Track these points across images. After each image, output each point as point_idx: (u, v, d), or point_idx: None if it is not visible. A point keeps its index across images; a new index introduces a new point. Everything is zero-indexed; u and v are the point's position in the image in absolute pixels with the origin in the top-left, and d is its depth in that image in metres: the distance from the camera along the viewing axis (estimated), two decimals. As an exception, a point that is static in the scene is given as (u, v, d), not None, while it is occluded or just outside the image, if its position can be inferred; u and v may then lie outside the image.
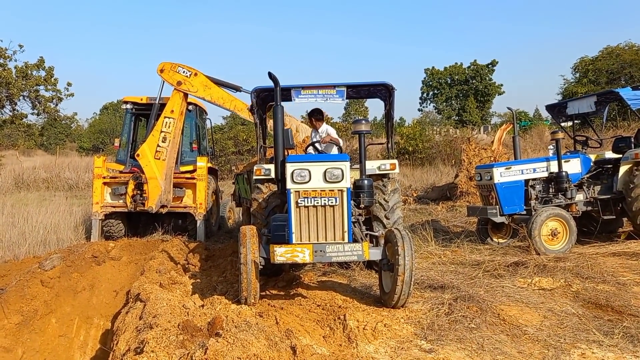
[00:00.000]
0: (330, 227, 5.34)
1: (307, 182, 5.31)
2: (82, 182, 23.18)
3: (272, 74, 5.77)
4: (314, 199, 5.30)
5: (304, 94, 6.80)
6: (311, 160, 5.45)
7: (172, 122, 9.80)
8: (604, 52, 30.11)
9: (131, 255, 9.18)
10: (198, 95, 9.64)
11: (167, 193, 10.24)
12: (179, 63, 9.65)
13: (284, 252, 5.10)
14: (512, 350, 4.43)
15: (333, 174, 5.32)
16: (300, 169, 5.32)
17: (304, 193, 5.30)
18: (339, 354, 4.26)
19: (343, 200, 5.32)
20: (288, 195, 5.32)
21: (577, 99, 10.53)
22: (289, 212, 5.30)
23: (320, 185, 5.31)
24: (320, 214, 5.33)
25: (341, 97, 6.87)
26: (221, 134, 33.00)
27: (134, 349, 4.37)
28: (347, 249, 5.20)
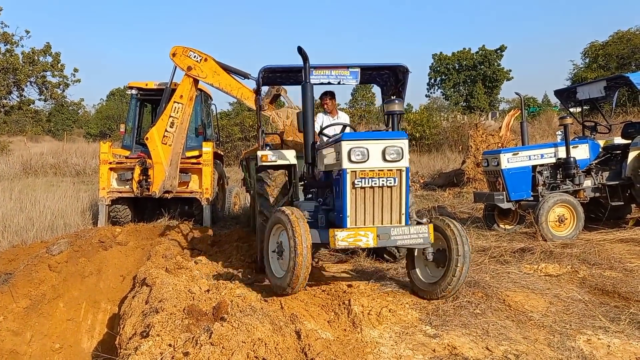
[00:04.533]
0: (387, 210, 5.02)
1: (365, 161, 4.92)
2: (89, 168, 23.25)
3: (302, 48, 5.39)
4: (372, 179, 4.95)
5: (316, 74, 6.36)
6: (369, 137, 5.05)
7: (180, 107, 9.79)
8: (614, 37, 29.76)
9: (138, 240, 9.22)
10: (207, 81, 9.60)
11: (172, 179, 10.24)
12: (191, 47, 9.61)
13: (345, 237, 4.78)
14: (517, 335, 4.42)
15: (392, 152, 4.95)
16: (358, 147, 4.91)
17: (361, 173, 4.92)
18: (344, 338, 4.27)
19: (402, 180, 5.01)
20: (343, 175, 4.93)
21: (586, 84, 10.41)
22: (344, 194, 4.92)
23: (378, 165, 4.94)
24: (378, 195, 4.99)
25: (355, 79, 6.55)
26: (227, 120, 32.98)
27: (140, 332, 4.40)
28: (412, 231, 4.93)
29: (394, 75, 7.17)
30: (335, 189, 5.22)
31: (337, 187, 5.13)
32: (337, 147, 5.14)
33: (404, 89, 7.01)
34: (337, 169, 5.11)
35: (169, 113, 9.92)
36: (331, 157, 5.34)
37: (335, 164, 5.18)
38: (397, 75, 7.10)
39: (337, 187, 5.16)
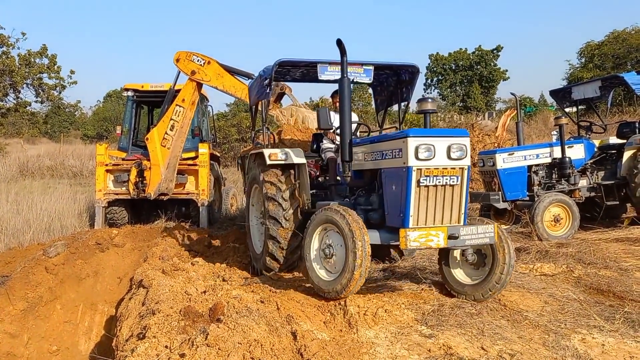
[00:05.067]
0: (448, 209, 4.87)
1: (432, 158, 4.73)
2: (86, 170, 23.21)
3: (342, 42, 5.22)
4: (436, 177, 4.76)
5: (330, 70, 6.21)
6: (435, 134, 4.85)
7: (181, 111, 9.78)
8: (610, 37, 29.82)
9: (134, 242, 9.23)
10: (211, 84, 9.58)
11: (168, 181, 10.24)
12: (194, 52, 9.60)
13: (418, 237, 4.61)
14: (512, 335, 4.44)
15: (457, 150, 4.80)
16: (426, 144, 4.72)
17: (427, 171, 4.73)
18: (340, 339, 4.28)
19: (464, 179, 4.88)
20: (409, 173, 4.71)
21: (581, 84, 10.47)
22: (408, 192, 4.71)
23: (443, 163, 4.77)
24: (440, 194, 4.83)
25: (368, 77, 6.38)
26: (224, 121, 32.97)
27: (137, 334, 4.42)
28: (480, 231, 4.80)
29: (395, 75, 7.11)
30: (388, 187, 5.05)
31: (392, 185, 4.97)
32: (396, 144, 4.92)
33: (412, 89, 6.98)
34: (395, 167, 4.91)
35: (170, 115, 9.92)
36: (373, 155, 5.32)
37: (390, 161, 5.01)
38: (400, 76, 7.02)
39: (390, 185, 4.99)
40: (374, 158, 5.33)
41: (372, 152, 5.35)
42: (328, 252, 4.95)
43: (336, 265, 4.88)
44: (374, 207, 5.42)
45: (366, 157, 5.49)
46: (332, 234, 4.97)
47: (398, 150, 4.87)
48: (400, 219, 4.85)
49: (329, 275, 4.99)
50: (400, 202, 4.84)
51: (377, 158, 5.27)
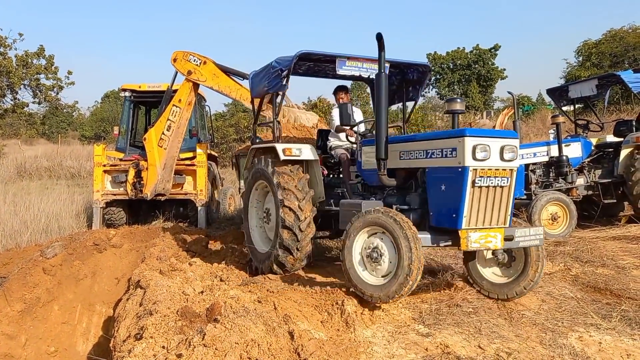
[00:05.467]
0: (497, 210, 4.86)
1: (487, 159, 4.68)
2: (84, 171, 23.18)
3: (382, 36, 5.09)
4: (489, 178, 4.72)
5: (348, 65, 6.10)
6: (490, 135, 4.81)
7: (178, 111, 9.76)
8: (607, 35, 29.82)
9: (132, 242, 9.22)
10: (207, 84, 9.56)
11: (165, 182, 10.22)
12: (190, 51, 9.58)
13: (478, 238, 4.58)
14: (509, 334, 4.45)
15: (510, 151, 4.77)
16: (482, 144, 4.65)
17: (482, 172, 4.68)
18: (337, 338, 4.28)
19: (513, 180, 4.87)
20: (465, 173, 4.64)
21: (578, 83, 10.49)
22: (463, 192, 4.65)
23: (496, 164, 4.73)
24: (491, 195, 4.80)
25: None
26: (222, 121, 32.95)
27: (134, 335, 4.41)
28: (532, 232, 4.80)
29: (401, 74, 7.01)
30: (435, 187, 4.97)
31: (440, 184, 4.89)
32: (449, 143, 4.83)
33: (421, 88, 6.93)
34: (447, 166, 4.83)
35: (167, 116, 9.90)
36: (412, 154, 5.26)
37: (438, 160, 4.93)
38: (406, 74, 6.92)
39: (438, 184, 4.91)
40: (413, 156, 5.23)
41: (411, 151, 5.26)
42: (375, 255, 4.78)
43: (385, 269, 4.75)
44: (412, 206, 5.31)
45: (401, 155, 5.37)
46: (378, 237, 4.82)
47: (451, 150, 4.77)
48: (452, 220, 4.78)
49: (374, 279, 4.84)
50: (452, 203, 4.77)
51: (418, 157, 5.18)
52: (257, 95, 7.25)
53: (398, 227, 4.52)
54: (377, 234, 4.82)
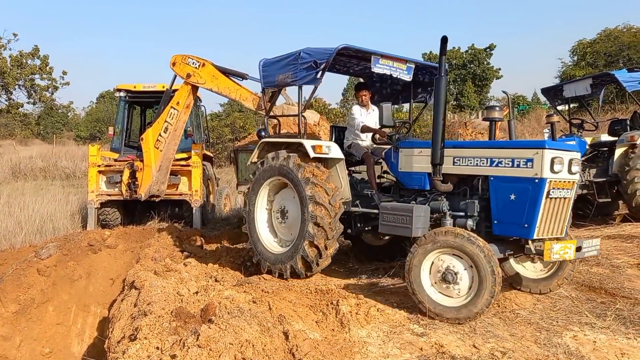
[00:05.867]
0: (560, 220, 4.96)
1: (561, 171, 4.75)
2: (79, 171, 23.08)
3: (447, 40, 5.00)
4: (559, 190, 4.81)
5: (381, 63, 5.96)
6: (563, 148, 4.87)
7: (176, 113, 9.72)
8: (602, 35, 29.87)
9: (127, 243, 9.19)
10: (206, 87, 9.49)
11: (159, 184, 10.17)
12: (189, 54, 9.53)
13: (559, 249, 4.60)
14: (504, 333, 4.46)
15: (576, 164, 4.88)
16: (559, 157, 4.70)
17: (555, 184, 4.74)
18: (332, 338, 4.28)
19: (574, 192, 5.00)
20: (541, 185, 4.66)
21: (572, 82, 10.50)
22: (537, 204, 4.68)
23: (566, 176, 4.82)
24: (558, 206, 4.89)
25: (409, 74, 6.20)
26: (218, 121, 32.86)
27: (129, 336, 4.41)
28: (594, 244, 4.94)
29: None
30: (501, 196, 4.93)
31: (509, 194, 4.87)
32: (524, 153, 4.80)
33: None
34: (520, 176, 4.81)
35: (164, 117, 9.85)
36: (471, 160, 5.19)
37: (508, 169, 4.91)
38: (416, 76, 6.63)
39: (506, 194, 4.89)
40: (472, 163, 5.18)
41: (469, 157, 5.20)
42: (450, 278, 4.67)
43: (461, 291, 4.67)
44: (469, 213, 5.22)
45: (455, 161, 5.29)
46: (451, 257, 4.72)
47: (526, 160, 4.78)
48: (522, 230, 4.81)
49: (447, 300, 4.72)
50: (524, 213, 4.78)
51: (478, 164, 5.14)
52: (274, 85, 6.79)
53: (479, 251, 4.48)
54: (450, 255, 4.72)
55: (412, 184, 5.86)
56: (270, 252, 6.38)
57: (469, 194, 5.33)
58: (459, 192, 5.42)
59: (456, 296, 4.69)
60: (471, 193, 5.32)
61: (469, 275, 4.61)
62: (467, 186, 5.35)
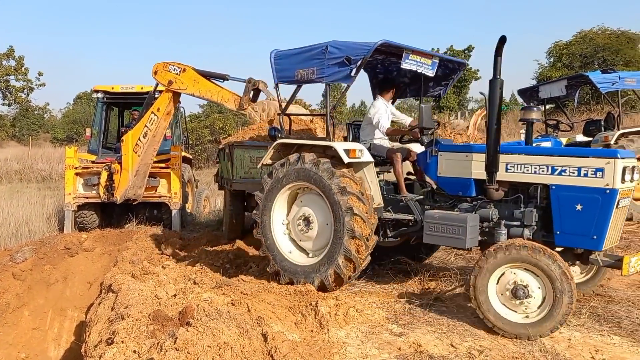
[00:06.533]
0: (619, 229, 4.82)
1: (628, 180, 4.57)
2: (55, 173, 22.79)
3: (505, 41, 4.82)
4: (624, 199, 4.64)
5: (411, 58, 5.61)
6: (629, 156, 4.65)
7: (155, 119, 9.65)
8: (577, 37, 30.33)
9: (105, 246, 9.11)
10: (188, 92, 9.39)
11: (136, 188, 10.08)
12: (170, 62, 9.46)
13: (634, 262, 4.49)
14: (481, 331, 4.51)
15: (637, 172, 4.67)
16: (628, 167, 4.53)
17: (622, 193, 4.57)
18: (310, 339, 4.29)
19: (630, 200, 4.85)
20: (613, 195, 4.46)
21: (548, 83, 10.66)
22: (607, 214, 4.49)
23: (628, 185, 4.64)
24: (621, 215, 4.74)
25: (433, 69, 5.86)
26: (197, 123, 32.69)
27: (106, 340, 4.35)
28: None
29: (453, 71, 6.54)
30: (566, 206, 4.71)
31: (575, 204, 4.65)
32: (593, 162, 4.59)
33: (449, 85, 6.64)
34: (588, 186, 4.59)
35: (144, 122, 9.77)
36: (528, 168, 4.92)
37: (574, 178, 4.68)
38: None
39: (572, 204, 4.67)
40: (529, 171, 4.92)
41: (527, 164, 4.94)
42: (521, 294, 4.41)
43: (530, 307, 4.44)
44: (526, 223, 4.93)
45: (509, 167, 5.02)
46: (521, 271, 4.48)
47: (595, 170, 4.56)
48: (591, 242, 4.62)
49: (515, 316, 4.49)
50: (592, 224, 4.58)
51: (537, 171, 4.88)
52: (294, 81, 6.16)
53: (556, 267, 4.28)
54: (521, 270, 4.50)
55: (454, 190, 5.47)
56: (291, 262, 5.85)
57: (523, 202, 5.03)
58: (509, 200, 5.13)
59: (526, 312, 4.46)
60: (525, 201, 5.02)
61: (542, 291, 4.39)
62: (520, 194, 5.05)
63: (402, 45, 5.62)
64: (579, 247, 4.76)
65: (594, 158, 4.62)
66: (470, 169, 5.26)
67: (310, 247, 5.90)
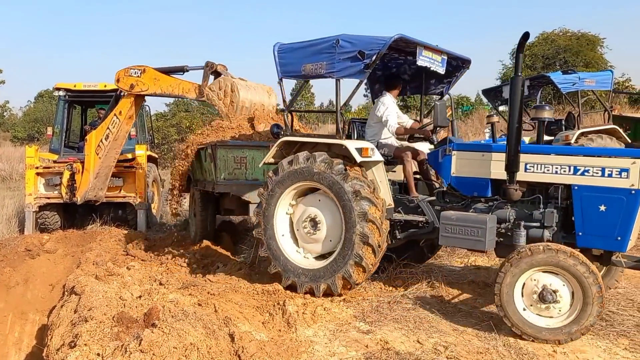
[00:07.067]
0: (638, 230, 4.71)
1: None
2: (16, 173, 22.15)
3: (527, 37, 4.76)
4: None
5: (424, 55, 5.47)
6: None
7: (117, 122, 9.48)
8: (539, 38, 30.99)
9: (67, 247, 8.92)
10: (150, 92, 9.21)
11: (97, 190, 9.88)
12: (130, 66, 9.31)
13: None
14: (447, 327, 4.58)
15: None
16: None
17: None
18: (278, 339, 4.28)
19: None
20: (638, 195, 4.37)
21: (512, 83, 10.86)
22: (633, 215, 4.41)
23: None
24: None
25: (443, 67, 5.73)
26: (163, 122, 32.24)
27: (69, 343, 4.26)
28: None
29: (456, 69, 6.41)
30: (589, 207, 4.61)
31: (598, 205, 4.56)
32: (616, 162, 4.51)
33: (453, 82, 6.54)
34: (612, 186, 4.50)
35: (107, 124, 9.59)
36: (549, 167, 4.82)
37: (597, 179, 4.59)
38: None
39: (595, 205, 4.58)
40: (549, 171, 4.82)
41: (547, 164, 4.84)
42: (549, 298, 4.32)
43: (560, 310, 4.36)
44: (546, 224, 4.84)
45: (528, 167, 4.92)
46: (547, 275, 4.39)
47: (620, 170, 4.47)
48: (615, 243, 4.55)
49: (544, 321, 4.40)
50: (617, 225, 4.50)
51: (558, 172, 4.77)
52: (301, 76, 5.90)
53: (589, 273, 4.20)
54: (548, 274, 4.40)
55: (470, 191, 5.35)
56: (295, 264, 5.63)
57: (542, 202, 4.93)
58: (526, 201, 5.03)
59: (556, 316, 4.38)
60: (545, 202, 4.93)
61: (570, 294, 4.32)
62: (539, 194, 4.94)
63: (417, 41, 5.45)
64: (602, 248, 4.70)
65: (619, 158, 4.54)
66: (487, 169, 5.15)
67: (316, 249, 5.70)
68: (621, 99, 21.74)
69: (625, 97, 22.15)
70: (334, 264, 5.32)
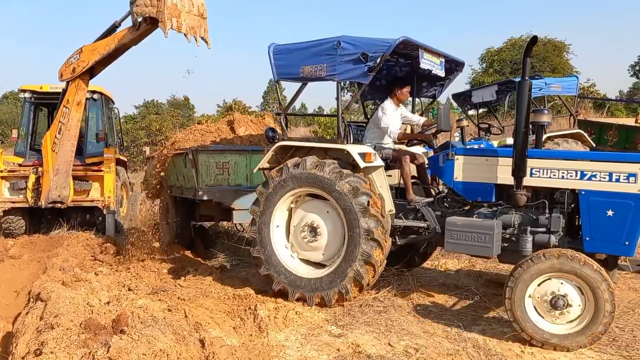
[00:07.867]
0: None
1: None
2: (-21, 177, 21.62)
3: (536, 41, 4.75)
4: None
5: (426, 57, 5.42)
6: None
7: (67, 112, 9.29)
8: (507, 44, 31.60)
9: (33, 253, 8.71)
10: (91, 64, 8.88)
11: (60, 189, 9.65)
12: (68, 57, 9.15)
13: None
14: (417, 330, 4.61)
15: None
16: None
17: None
18: (249, 344, 4.26)
19: None
20: None
21: (480, 88, 11.05)
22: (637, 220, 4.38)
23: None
24: None
25: (442, 69, 5.70)
26: (132, 124, 31.85)
27: (34, 351, 4.16)
28: None
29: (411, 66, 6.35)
30: (596, 212, 4.56)
31: (605, 210, 4.51)
32: (623, 167, 4.48)
33: (446, 85, 6.53)
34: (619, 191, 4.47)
35: (59, 118, 9.39)
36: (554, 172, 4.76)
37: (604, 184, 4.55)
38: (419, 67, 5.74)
39: (602, 210, 4.53)
40: (556, 175, 4.77)
41: (553, 169, 4.77)
42: (561, 303, 4.26)
43: (570, 316, 4.31)
44: (552, 229, 4.79)
45: (534, 172, 4.84)
46: (557, 281, 4.35)
47: (627, 175, 4.45)
48: (622, 248, 4.51)
49: (555, 327, 4.34)
50: (624, 230, 4.45)
51: (564, 176, 4.73)
52: (299, 79, 5.68)
53: (600, 279, 4.15)
54: (560, 280, 4.35)
55: (473, 196, 5.28)
56: (304, 278, 5.43)
57: (547, 207, 4.88)
58: (531, 206, 4.98)
59: (567, 322, 4.34)
60: (550, 207, 4.88)
61: (582, 300, 4.27)
62: (545, 199, 4.89)
63: (420, 44, 5.40)
64: (610, 253, 4.68)
65: (626, 163, 4.51)
66: (492, 174, 5.08)
67: (315, 257, 5.56)
68: (586, 103, 22.27)
69: (590, 102, 22.70)
70: (333, 276, 5.21)
